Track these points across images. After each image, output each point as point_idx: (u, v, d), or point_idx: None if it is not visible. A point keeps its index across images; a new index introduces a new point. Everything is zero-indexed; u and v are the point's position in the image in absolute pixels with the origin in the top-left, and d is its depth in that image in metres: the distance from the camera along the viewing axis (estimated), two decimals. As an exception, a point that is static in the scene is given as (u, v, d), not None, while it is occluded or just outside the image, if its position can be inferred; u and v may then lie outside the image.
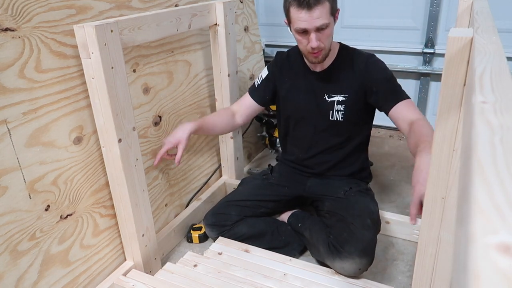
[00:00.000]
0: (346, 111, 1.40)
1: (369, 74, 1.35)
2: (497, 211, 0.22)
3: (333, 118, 1.42)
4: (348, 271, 1.26)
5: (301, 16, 1.20)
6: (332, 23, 1.26)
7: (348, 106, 1.39)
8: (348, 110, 1.40)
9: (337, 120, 1.42)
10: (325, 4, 1.20)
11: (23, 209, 1.03)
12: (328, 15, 1.22)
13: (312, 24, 1.21)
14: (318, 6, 1.19)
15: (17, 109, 1.00)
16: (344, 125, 1.42)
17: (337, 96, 1.40)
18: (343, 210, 1.34)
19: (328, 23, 1.23)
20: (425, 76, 2.35)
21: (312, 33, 1.23)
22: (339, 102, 1.40)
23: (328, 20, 1.22)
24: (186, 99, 1.60)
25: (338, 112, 1.41)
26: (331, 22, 1.25)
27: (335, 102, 1.40)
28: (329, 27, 1.24)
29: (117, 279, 1.26)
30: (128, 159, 1.18)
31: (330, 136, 1.46)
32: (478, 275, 0.19)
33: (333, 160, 1.48)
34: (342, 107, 1.40)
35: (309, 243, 1.41)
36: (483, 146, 0.28)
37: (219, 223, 1.47)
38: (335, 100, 1.40)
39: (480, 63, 0.46)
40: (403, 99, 1.32)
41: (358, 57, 1.39)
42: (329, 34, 1.26)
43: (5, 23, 0.96)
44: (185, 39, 1.56)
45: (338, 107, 1.40)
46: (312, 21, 1.20)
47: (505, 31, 2.03)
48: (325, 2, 1.20)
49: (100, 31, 1.02)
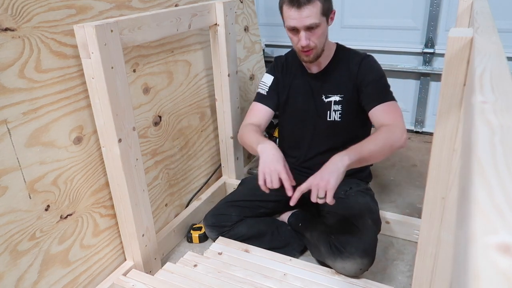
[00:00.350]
0: (343, 111, 1.41)
1: (361, 73, 1.36)
2: (497, 211, 0.22)
3: (330, 119, 1.43)
4: (349, 271, 1.26)
5: (291, 14, 1.23)
6: (324, 24, 1.27)
7: (344, 106, 1.40)
8: (345, 110, 1.41)
9: (335, 121, 1.42)
10: (316, 4, 1.21)
11: (23, 209, 1.03)
12: (319, 15, 1.23)
13: (301, 23, 1.22)
14: (308, 5, 1.20)
15: (17, 109, 1.00)
16: (342, 126, 1.43)
17: (334, 96, 1.41)
18: (344, 210, 1.34)
19: (319, 23, 1.23)
20: (425, 76, 2.35)
21: (302, 32, 1.25)
22: (336, 102, 1.40)
23: (319, 20, 1.23)
24: (186, 99, 1.60)
25: (335, 112, 1.42)
26: (322, 22, 1.25)
27: (332, 102, 1.41)
28: (320, 27, 1.25)
29: (117, 279, 1.26)
30: (128, 159, 1.18)
31: (329, 137, 1.46)
32: (478, 275, 0.19)
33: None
34: (339, 107, 1.41)
35: (310, 243, 1.41)
36: (483, 146, 0.28)
37: (219, 223, 1.47)
38: (332, 101, 1.41)
39: (480, 63, 0.46)
40: (386, 101, 1.32)
41: (354, 57, 1.39)
42: (320, 34, 1.27)
43: (5, 23, 0.96)
44: (185, 39, 1.56)
45: (335, 107, 1.41)
46: (301, 19, 1.22)
47: (505, 31, 2.03)
48: (316, 2, 1.21)
49: (100, 31, 1.02)
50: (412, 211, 1.70)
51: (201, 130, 1.72)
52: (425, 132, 2.47)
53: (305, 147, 1.52)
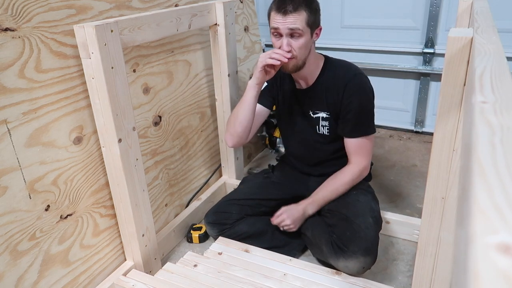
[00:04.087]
0: (330, 127, 1.42)
1: (345, 98, 1.34)
2: (497, 211, 0.22)
3: (320, 132, 1.45)
4: (352, 270, 1.26)
5: (277, 18, 1.24)
6: (308, 36, 1.26)
7: (332, 122, 1.41)
8: (333, 126, 1.42)
9: (324, 134, 1.44)
10: (302, 13, 1.22)
11: (23, 209, 1.03)
12: (304, 24, 1.23)
13: (285, 25, 1.23)
14: (294, 13, 1.22)
15: (17, 109, 1.00)
16: (331, 138, 1.44)
17: (321, 113, 1.42)
18: (345, 209, 1.35)
19: (301, 30, 1.23)
20: (425, 76, 2.35)
21: (284, 37, 1.25)
22: (323, 118, 1.42)
23: (302, 28, 1.23)
24: (186, 99, 1.60)
25: (323, 127, 1.43)
26: (306, 32, 1.25)
27: (320, 118, 1.43)
28: (303, 37, 1.25)
29: (117, 279, 1.26)
30: (128, 159, 1.18)
31: (323, 146, 1.48)
32: (478, 275, 0.19)
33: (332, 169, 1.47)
34: (327, 123, 1.42)
35: (311, 243, 1.41)
36: (483, 146, 0.28)
37: (220, 221, 1.47)
38: (319, 116, 1.43)
39: (480, 63, 0.46)
40: (360, 136, 1.37)
41: (342, 74, 1.36)
42: (302, 44, 1.26)
43: (5, 23, 0.96)
44: (185, 39, 1.56)
45: (323, 122, 1.43)
46: (285, 23, 1.23)
47: (505, 31, 2.03)
48: (302, 12, 1.22)
49: (100, 31, 1.02)
50: (412, 211, 1.70)
51: (201, 130, 1.72)
52: (425, 132, 2.47)
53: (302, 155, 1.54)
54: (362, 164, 1.40)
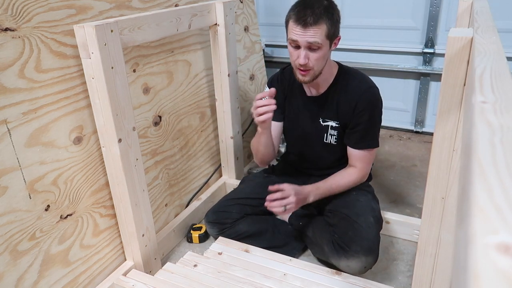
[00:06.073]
0: (338, 137, 1.42)
1: (358, 110, 1.34)
2: (497, 211, 0.22)
3: (327, 141, 1.44)
4: (353, 269, 1.26)
5: (295, 30, 1.21)
6: (327, 47, 1.24)
7: (340, 132, 1.41)
8: (341, 136, 1.42)
9: (331, 143, 1.44)
10: (322, 26, 1.19)
11: (23, 209, 1.03)
12: (323, 37, 1.21)
13: (304, 39, 1.20)
14: (314, 27, 1.19)
15: (17, 109, 1.00)
16: (338, 147, 1.44)
17: (331, 121, 1.41)
18: (346, 208, 1.35)
19: (321, 44, 1.21)
20: (425, 76, 2.35)
21: (303, 50, 1.23)
22: (332, 127, 1.42)
23: (322, 41, 1.21)
24: (186, 99, 1.60)
25: (331, 136, 1.43)
26: (325, 45, 1.22)
27: (329, 126, 1.42)
28: (321, 49, 1.23)
29: (117, 279, 1.26)
30: (128, 159, 1.18)
31: (327, 155, 1.48)
32: (478, 275, 0.19)
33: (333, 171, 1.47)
34: (335, 132, 1.42)
35: (312, 242, 1.41)
36: (483, 146, 0.28)
37: (220, 220, 1.47)
38: (329, 125, 1.42)
39: (480, 63, 0.46)
40: (365, 148, 1.37)
41: (355, 86, 1.35)
42: (321, 56, 1.24)
43: (5, 23, 0.96)
44: (185, 39, 1.56)
45: (332, 131, 1.42)
46: (304, 36, 1.20)
47: (505, 31, 2.03)
48: (323, 25, 1.19)
49: (100, 31, 1.02)
50: (412, 211, 1.70)
51: (201, 130, 1.72)
52: (425, 132, 2.47)
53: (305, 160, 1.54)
54: (365, 170, 1.41)
